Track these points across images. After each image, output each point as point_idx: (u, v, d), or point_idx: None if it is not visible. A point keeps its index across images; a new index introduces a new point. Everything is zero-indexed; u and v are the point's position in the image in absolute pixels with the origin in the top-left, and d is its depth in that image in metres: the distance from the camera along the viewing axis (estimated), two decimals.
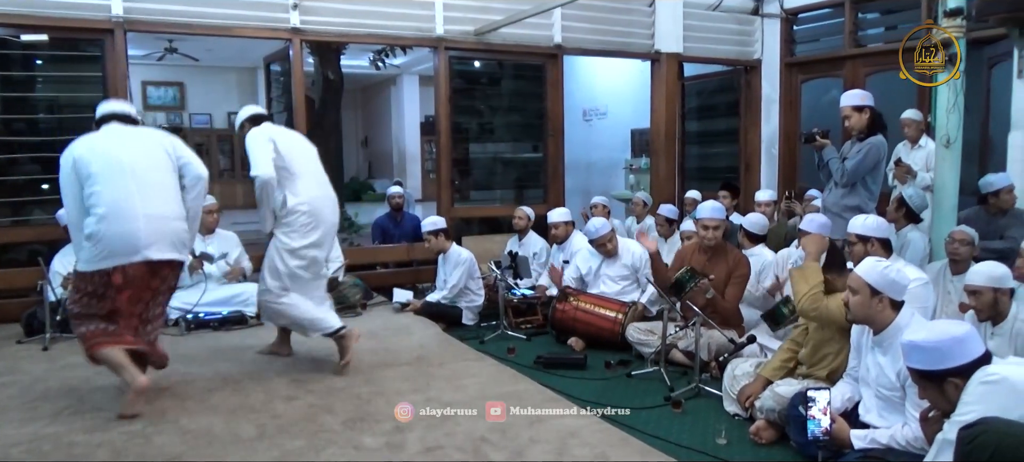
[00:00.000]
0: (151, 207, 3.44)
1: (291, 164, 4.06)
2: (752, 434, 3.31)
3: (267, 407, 3.60)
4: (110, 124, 3.62)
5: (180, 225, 3.57)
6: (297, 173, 4.07)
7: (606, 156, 9.99)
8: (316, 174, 4.20)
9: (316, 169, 4.23)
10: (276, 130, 4.20)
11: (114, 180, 3.38)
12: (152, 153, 3.57)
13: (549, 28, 6.99)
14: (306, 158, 4.21)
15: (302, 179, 4.09)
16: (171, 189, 3.59)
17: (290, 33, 6.09)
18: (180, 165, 3.65)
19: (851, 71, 7.08)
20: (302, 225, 4.07)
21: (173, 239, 3.53)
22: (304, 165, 4.15)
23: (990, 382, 2.07)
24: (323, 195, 4.19)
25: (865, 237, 3.85)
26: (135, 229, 3.36)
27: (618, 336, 4.77)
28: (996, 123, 5.80)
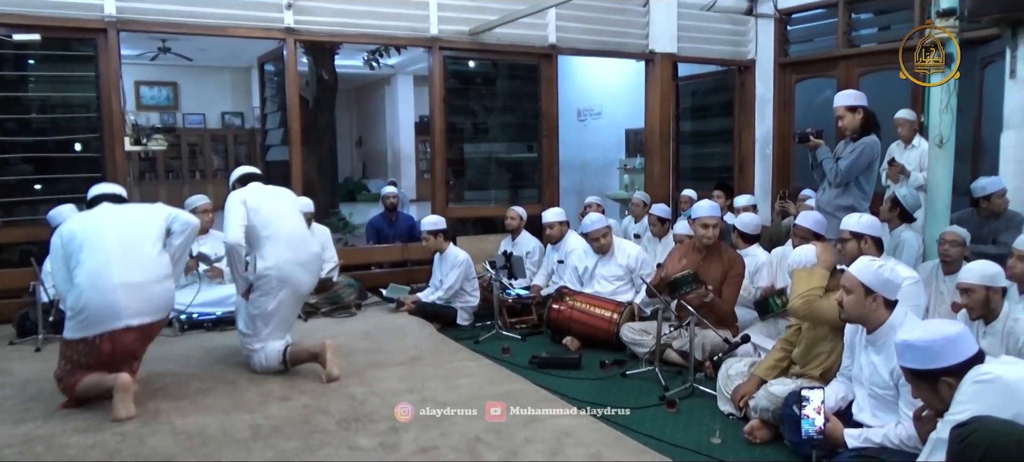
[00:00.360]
0: (129, 275, 3.53)
1: (264, 226, 4.11)
2: (746, 433, 3.31)
3: (261, 407, 3.59)
4: (102, 204, 3.83)
5: (161, 287, 3.67)
6: (269, 236, 4.11)
7: (601, 156, 10.00)
8: (290, 237, 4.20)
9: (291, 231, 4.24)
10: (255, 192, 4.22)
11: (95, 252, 3.52)
12: (137, 221, 3.74)
13: (544, 28, 7.00)
14: (283, 219, 4.23)
15: (273, 243, 4.11)
16: (153, 255, 3.68)
17: (284, 33, 6.08)
18: (169, 219, 3.82)
19: (844, 71, 7.11)
20: (271, 289, 4.11)
21: (155, 303, 3.65)
22: (278, 228, 4.17)
23: (983, 381, 2.08)
24: (294, 259, 4.18)
25: (859, 234, 3.87)
26: (113, 299, 3.47)
27: (613, 336, 4.78)
28: (988, 123, 5.83)
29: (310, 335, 4.94)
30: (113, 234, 3.62)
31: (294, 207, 4.43)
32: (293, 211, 4.37)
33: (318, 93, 9.77)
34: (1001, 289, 3.30)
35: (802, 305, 3.32)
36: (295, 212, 4.38)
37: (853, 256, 3.71)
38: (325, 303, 5.69)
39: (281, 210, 4.27)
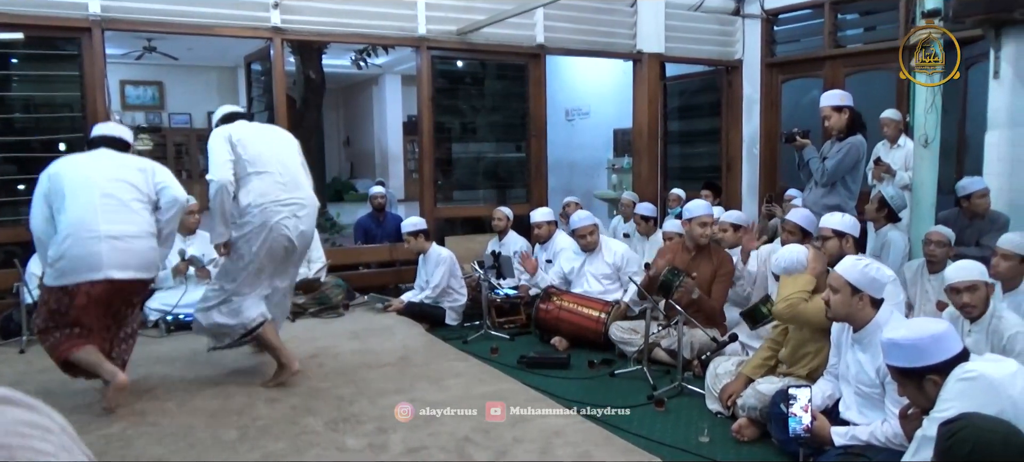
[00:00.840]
0: (115, 227, 3.41)
1: (251, 163, 3.75)
2: (734, 432, 3.33)
3: (248, 409, 3.57)
4: (100, 148, 3.64)
5: (146, 243, 3.52)
6: (256, 172, 3.76)
7: (589, 156, 10.01)
8: (281, 175, 3.82)
9: (282, 168, 3.85)
10: (241, 127, 3.89)
11: (80, 199, 3.39)
12: (125, 175, 3.54)
13: (531, 28, 7.00)
14: (272, 155, 3.85)
15: (260, 178, 3.75)
16: (139, 211, 3.53)
17: (271, 32, 6.04)
18: (158, 189, 3.62)
19: (831, 71, 7.15)
20: (252, 230, 3.73)
21: (138, 259, 3.49)
22: (267, 163, 3.79)
23: (968, 379, 2.10)
24: (282, 199, 3.78)
25: (841, 232, 3.90)
26: (96, 250, 3.34)
27: (602, 335, 4.78)
28: (973, 123, 5.87)
29: (300, 336, 4.92)
30: (101, 183, 3.46)
31: (287, 145, 4.02)
32: (285, 148, 3.98)
33: (305, 93, 9.72)
34: (992, 286, 3.31)
35: (786, 308, 3.33)
36: (288, 149, 3.99)
37: (834, 254, 3.75)
38: (313, 304, 5.67)
39: (271, 147, 3.90)
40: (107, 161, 3.58)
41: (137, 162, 3.69)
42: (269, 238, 3.76)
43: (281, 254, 3.86)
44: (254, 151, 3.79)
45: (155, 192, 3.64)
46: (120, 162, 3.62)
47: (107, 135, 3.74)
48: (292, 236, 3.81)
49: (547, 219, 5.95)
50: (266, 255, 3.80)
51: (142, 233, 3.52)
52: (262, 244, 3.76)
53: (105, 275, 3.39)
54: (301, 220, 3.85)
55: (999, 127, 4.79)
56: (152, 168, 3.67)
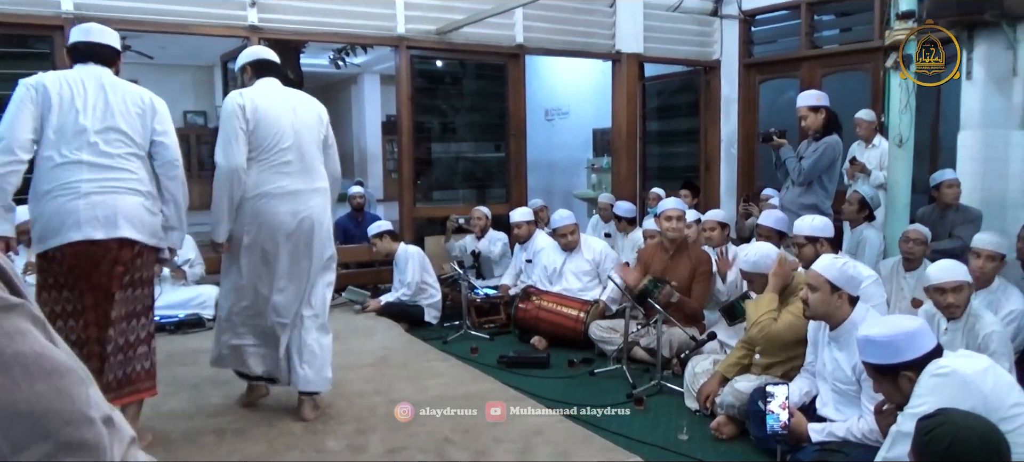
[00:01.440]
0: (101, 182, 2.83)
1: (256, 147, 3.22)
2: (713, 429, 3.35)
3: (226, 411, 3.53)
4: (87, 65, 2.95)
5: (138, 200, 2.89)
6: (258, 159, 3.22)
7: (568, 155, 10.02)
8: (287, 166, 3.26)
9: (287, 159, 3.26)
10: (261, 93, 3.27)
11: (65, 145, 2.79)
12: (120, 113, 2.88)
13: (511, 28, 6.99)
14: (283, 142, 3.24)
15: (260, 167, 3.23)
16: (135, 160, 2.91)
17: (248, 31, 5.98)
18: (154, 140, 2.97)
19: (807, 72, 7.21)
20: (243, 223, 3.25)
21: (130, 214, 2.86)
22: (272, 151, 3.24)
23: (941, 375, 2.12)
24: (279, 189, 3.23)
25: (815, 238, 3.94)
26: (74, 206, 2.77)
27: (581, 334, 4.79)
28: (946, 123, 5.96)
29: None
30: (93, 122, 2.83)
31: (308, 128, 3.34)
32: (305, 134, 3.31)
33: None
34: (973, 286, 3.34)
35: (758, 333, 3.36)
36: (308, 135, 3.33)
37: (810, 260, 3.79)
38: None
39: (287, 131, 3.25)
40: (99, 91, 2.88)
41: (133, 94, 2.97)
42: (257, 235, 3.25)
43: (270, 255, 3.29)
44: (265, 134, 3.21)
45: (154, 138, 2.99)
46: (115, 94, 2.91)
47: (97, 43, 3.00)
48: (279, 235, 3.26)
49: (526, 219, 5.95)
50: (259, 250, 3.27)
51: (136, 189, 2.92)
52: (252, 241, 3.26)
53: (84, 235, 2.79)
54: (295, 217, 3.27)
55: (972, 127, 4.87)
56: (152, 107, 2.98)
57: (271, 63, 3.46)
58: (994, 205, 4.77)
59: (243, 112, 3.16)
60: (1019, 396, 2.09)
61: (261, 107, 3.22)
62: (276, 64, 3.49)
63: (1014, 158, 4.70)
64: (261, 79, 3.37)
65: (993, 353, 2.98)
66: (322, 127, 3.44)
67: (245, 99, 3.20)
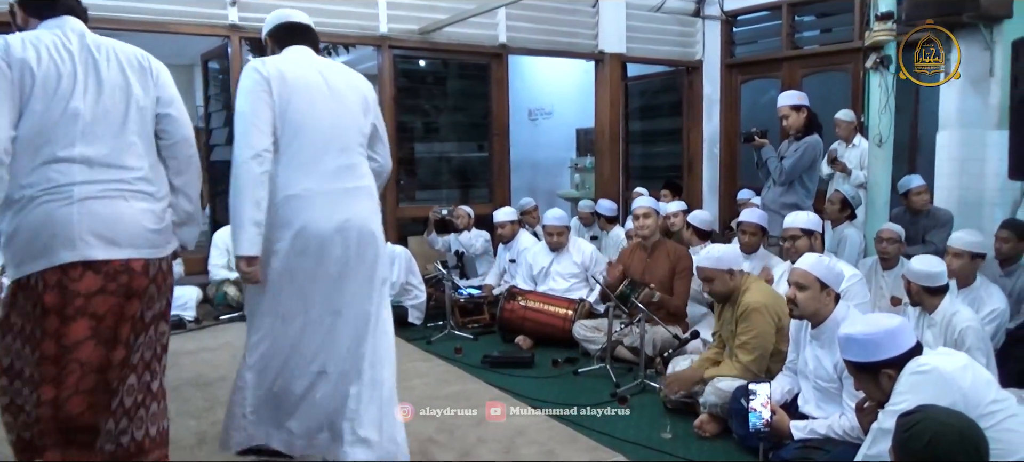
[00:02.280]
0: (103, 184, 2.14)
1: (284, 133, 2.50)
2: (696, 427, 3.36)
3: (207, 413, 3.50)
4: (64, 19, 2.20)
5: (147, 207, 2.21)
6: (289, 153, 2.51)
7: (552, 155, 10.03)
8: (324, 160, 2.56)
9: (326, 149, 2.56)
10: (291, 68, 2.56)
11: (54, 136, 2.08)
12: (117, 87, 2.19)
13: (494, 28, 6.99)
14: (319, 128, 2.55)
15: (292, 165, 2.51)
16: (139, 146, 2.23)
17: (228, 30, 5.93)
18: (159, 113, 2.29)
19: (788, 72, 7.27)
20: (275, 239, 2.52)
21: (140, 225, 2.19)
22: (307, 140, 2.53)
23: (921, 372, 2.15)
24: (321, 192, 2.54)
25: (810, 231, 3.99)
26: (66, 215, 2.06)
27: (567, 333, 4.79)
28: (925, 123, 6.03)
29: None
30: (86, 104, 2.12)
31: (350, 112, 2.65)
32: (345, 119, 2.63)
33: None
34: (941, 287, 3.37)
35: (757, 360, 3.37)
36: (349, 121, 2.64)
37: (804, 252, 3.84)
38: None
39: (322, 114, 2.56)
40: (90, 66, 2.17)
41: (129, 58, 2.25)
42: (294, 259, 2.54)
43: (309, 280, 2.58)
44: (296, 115, 2.51)
45: (160, 109, 2.30)
46: (104, 60, 2.19)
47: None
48: (329, 259, 2.57)
49: (510, 219, 5.95)
50: (293, 277, 2.57)
51: (145, 189, 2.23)
52: (285, 266, 2.55)
53: (81, 256, 2.09)
54: (343, 236, 2.57)
55: (950, 127, 4.93)
56: (152, 71, 2.30)
57: (302, 28, 2.74)
58: (971, 204, 4.83)
59: (268, 85, 2.46)
60: (997, 393, 2.12)
61: (291, 80, 2.51)
62: (308, 29, 2.76)
63: (991, 157, 4.76)
64: (290, 48, 2.67)
65: (969, 348, 3.02)
66: (369, 111, 2.71)
67: (269, 68, 2.49)
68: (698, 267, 3.62)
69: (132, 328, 2.23)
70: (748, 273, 3.63)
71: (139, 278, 2.20)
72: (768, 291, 3.55)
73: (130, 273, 2.17)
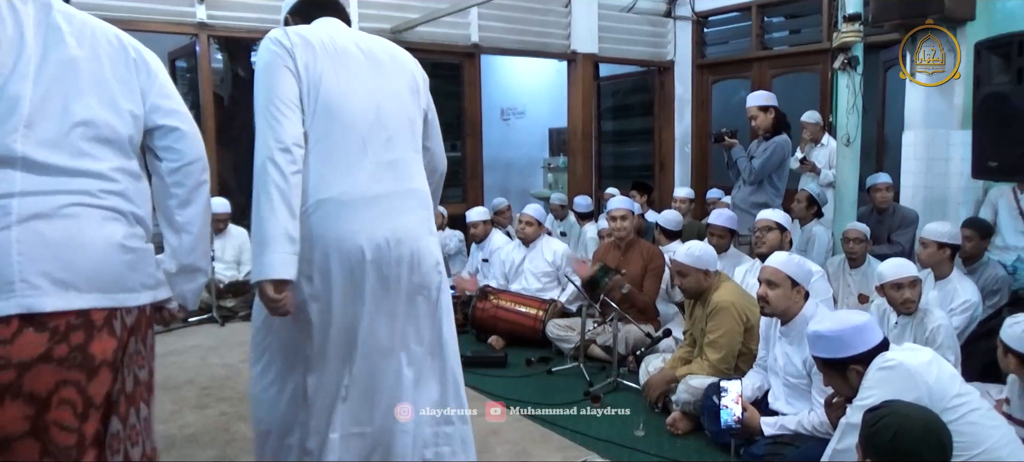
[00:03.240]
0: (51, 199, 1.49)
1: (316, 120, 1.99)
2: (668, 425, 3.38)
3: (175, 417, 3.45)
4: None
5: (119, 230, 1.57)
6: (323, 145, 2.00)
7: (524, 155, 10.05)
8: (367, 154, 2.04)
9: (370, 139, 2.05)
10: (319, 38, 2.03)
11: None
12: (87, 75, 1.61)
13: (466, 27, 6.98)
14: (359, 111, 2.04)
15: (328, 160, 2.00)
16: (112, 157, 1.60)
17: (196, 28, 5.85)
18: (162, 125, 1.71)
19: (758, 73, 7.36)
20: (309, 258, 1.97)
21: (103, 263, 1.53)
22: (348, 128, 2.02)
23: (887, 368, 2.18)
24: (366, 196, 2.02)
25: (783, 226, 4.05)
26: (4, 243, 1.43)
27: (539, 333, 4.80)
28: (891, 123, 6.14)
29: (230, 340, 4.79)
30: (32, 74, 1.52)
31: (396, 96, 2.16)
32: (390, 106, 2.12)
33: (234, 91, 9.44)
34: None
35: (725, 357, 3.41)
36: (395, 107, 2.14)
37: (774, 245, 3.90)
38: (243, 307, 5.51)
39: (362, 93, 2.06)
40: (40, 39, 1.57)
41: (108, 39, 1.71)
42: (332, 276, 2.01)
43: (355, 301, 2.04)
44: (329, 98, 2.00)
45: (144, 116, 1.69)
46: (79, 42, 1.64)
47: None
48: (389, 275, 2.06)
49: (483, 218, 5.94)
50: (331, 301, 2.02)
51: (114, 206, 1.58)
52: (323, 288, 2.01)
53: (20, 307, 1.42)
54: (396, 251, 2.05)
55: (915, 127, 5.01)
56: (143, 63, 1.72)
57: (330, 2, 2.23)
58: (937, 202, 4.92)
59: (294, 61, 1.96)
60: (961, 388, 2.16)
61: (321, 50, 2.00)
62: (337, 2, 2.26)
63: (955, 157, 4.85)
64: (318, 21, 2.15)
65: (939, 346, 3.07)
66: (418, 95, 2.25)
67: (292, 36, 1.99)
68: (674, 261, 3.64)
69: (103, 416, 1.53)
70: (720, 272, 3.67)
71: (101, 337, 1.51)
72: (737, 290, 3.59)
73: (89, 329, 1.49)
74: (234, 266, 5.79)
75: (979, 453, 2.04)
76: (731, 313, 3.39)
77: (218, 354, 4.45)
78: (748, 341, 3.43)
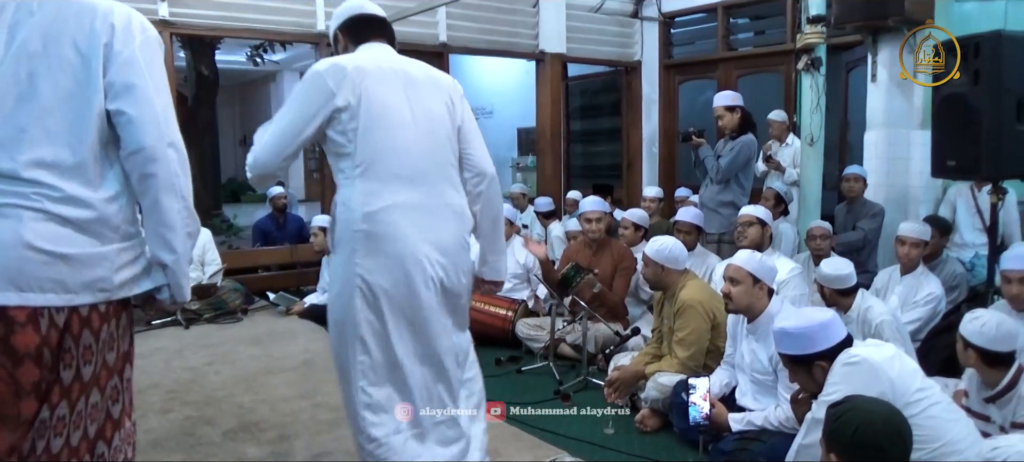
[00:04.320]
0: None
1: (361, 140, 2.10)
2: (637, 423, 3.40)
3: (139, 422, 3.37)
4: None
5: (56, 227, 1.53)
6: (370, 161, 2.11)
7: (493, 155, 9.71)
8: (415, 174, 2.18)
9: (419, 159, 2.20)
10: (366, 64, 2.17)
11: None
12: (32, 53, 1.54)
13: (434, 26, 6.95)
14: (406, 135, 2.17)
15: (376, 176, 2.12)
16: (65, 142, 1.56)
17: (159, 25, 5.73)
18: (111, 109, 1.60)
19: (724, 73, 7.44)
20: (358, 270, 2.09)
21: (15, 259, 1.49)
22: (394, 147, 2.15)
23: (852, 363, 2.22)
24: (416, 207, 2.16)
25: (764, 221, 4.11)
26: None
27: (508, 333, 4.80)
28: (854, 123, 6.25)
29: (194, 343, 4.72)
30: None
31: (436, 117, 2.28)
32: (430, 125, 2.25)
33: (197, 90, 9.33)
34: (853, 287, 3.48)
35: (694, 355, 3.43)
36: (435, 127, 2.27)
37: (755, 240, 3.95)
38: (208, 309, 5.44)
39: (406, 115, 2.19)
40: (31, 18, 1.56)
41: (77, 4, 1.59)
42: (392, 288, 2.12)
43: (419, 310, 2.18)
44: (372, 118, 2.11)
45: (105, 110, 1.60)
46: (38, 24, 1.55)
47: None
48: (451, 286, 2.27)
49: None
50: (397, 310, 2.14)
51: (65, 205, 1.54)
52: (388, 299, 2.12)
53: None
54: (449, 258, 2.24)
55: (877, 127, 5.11)
56: (107, 26, 1.62)
57: (379, 22, 2.38)
58: (898, 200, 5.03)
59: (334, 90, 2.08)
60: (923, 382, 2.20)
61: (372, 73, 2.14)
62: (385, 23, 2.42)
63: (915, 156, 4.96)
64: (362, 47, 2.29)
65: (887, 340, 3.13)
66: (455, 109, 2.35)
67: (345, 66, 2.11)
68: (645, 253, 3.65)
69: (38, 398, 1.54)
70: (688, 270, 3.70)
71: (25, 332, 1.50)
72: (704, 288, 3.62)
73: (9, 323, 1.48)
74: (198, 267, 5.69)
75: (940, 446, 2.09)
76: (698, 311, 3.42)
77: (182, 357, 4.38)
78: (715, 338, 3.46)
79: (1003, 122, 3.46)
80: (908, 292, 3.92)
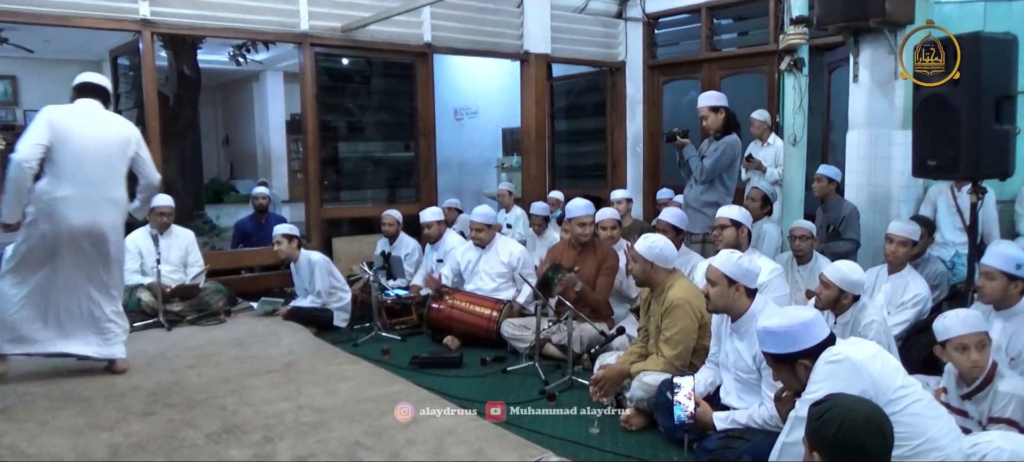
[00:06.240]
0: None
1: (61, 158, 3.73)
2: (623, 422, 3.41)
3: (120, 425, 3.34)
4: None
5: None
6: (60, 171, 3.73)
7: (478, 155, 10.05)
8: (83, 179, 3.78)
9: (92, 177, 3.81)
10: (68, 113, 3.84)
11: None
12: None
13: (418, 26, 6.93)
14: (86, 163, 3.80)
15: (60, 178, 3.73)
16: None
17: (139, 25, 5.68)
18: None
19: (708, 73, 7.48)
20: (34, 219, 3.72)
21: None
22: (77, 170, 3.76)
23: (834, 361, 2.24)
24: (74, 198, 3.76)
25: (738, 222, 4.12)
26: None
27: (493, 333, 4.79)
28: (836, 124, 6.30)
29: (177, 345, 4.67)
30: None
31: (112, 153, 3.91)
32: (108, 157, 3.89)
33: (179, 89, 9.22)
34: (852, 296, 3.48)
35: (681, 354, 3.44)
36: (111, 159, 3.90)
37: (731, 242, 3.96)
38: (191, 311, 5.39)
39: (91, 154, 3.82)
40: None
41: None
42: (46, 232, 3.76)
43: (58, 254, 3.84)
44: (72, 151, 3.78)
45: None
46: None
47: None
48: (75, 236, 3.81)
49: (437, 219, 5.91)
50: (46, 247, 3.80)
51: None
52: (40, 238, 3.77)
53: None
54: (85, 222, 3.81)
55: (858, 127, 5.15)
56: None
57: (94, 87, 4.09)
58: (880, 200, 5.07)
59: (51, 125, 3.91)
60: (904, 380, 2.23)
61: (67, 126, 3.89)
62: (100, 88, 4.11)
63: (896, 156, 5.00)
64: (78, 102, 4.02)
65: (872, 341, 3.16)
66: (129, 146, 4.00)
67: (54, 116, 3.93)
68: (636, 249, 3.66)
69: None
70: (676, 269, 3.71)
71: None
72: (691, 288, 3.64)
73: None
74: (180, 268, 5.64)
75: (921, 443, 2.12)
76: (686, 310, 3.43)
77: (165, 359, 4.34)
78: (702, 338, 3.48)
79: (982, 122, 3.50)
80: (895, 291, 3.95)
